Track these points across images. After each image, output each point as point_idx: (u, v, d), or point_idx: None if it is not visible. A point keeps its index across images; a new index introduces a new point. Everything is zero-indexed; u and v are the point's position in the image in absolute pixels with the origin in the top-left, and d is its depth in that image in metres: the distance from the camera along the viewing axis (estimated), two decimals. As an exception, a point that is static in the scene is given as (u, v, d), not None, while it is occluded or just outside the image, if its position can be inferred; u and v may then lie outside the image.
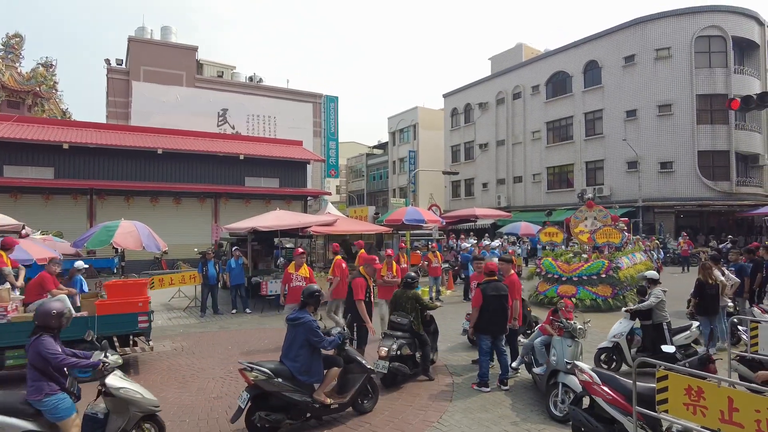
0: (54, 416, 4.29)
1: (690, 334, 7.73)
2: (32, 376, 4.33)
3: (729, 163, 29.18)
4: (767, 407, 3.54)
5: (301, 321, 5.60)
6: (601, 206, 15.66)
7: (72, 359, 4.47)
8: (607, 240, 14.53)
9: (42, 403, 4.28)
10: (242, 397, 5.27)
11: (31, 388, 4.30)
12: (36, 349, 4.31)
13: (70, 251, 13.21)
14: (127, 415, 4.68)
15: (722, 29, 29.60)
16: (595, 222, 15.10)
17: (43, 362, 4.32)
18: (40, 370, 4.34)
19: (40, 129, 23.43)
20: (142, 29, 38.84)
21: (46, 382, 4.34)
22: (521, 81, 39.57)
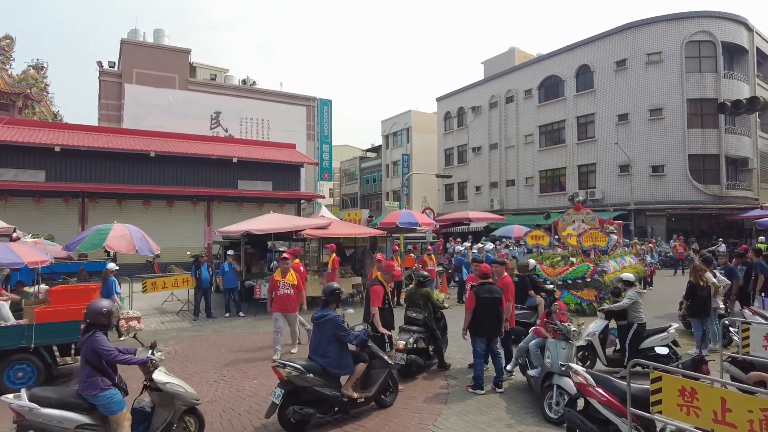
0: (108, 410, 4.50)
1: (667, 335, 7.70)
2: (87, 372, 4.52)
3: (719, 166, 29.51)
4: (760, 408, 3.57)
5: (327, 318, 5.93)
6: (589, 209, 15.53)
7: (124, 356, 4.69)
8: (593, 243, 14.31)
9: (96, 397, 4.48)
10: (276, 393, 5.50)
11: (86, 384, 4.49)
12: (91, 345, 4.50)
13: (61, 254, 13.10)
14: (173, 408, 4.95)
15: (712, 34, 29.95)
16: (583, 225, 14.97)
17: (98, 358, 4.53)
18: (94, 366, 4.54)
19: (31, 131, 23.23)
20: (135, 31, 38.68)
21: (100, 378, 4.54)
22: (514, 85, 39.79)
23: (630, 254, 16.62)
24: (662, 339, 7.68)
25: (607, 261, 13.76)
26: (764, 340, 6.28)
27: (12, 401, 4.28)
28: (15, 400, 4.29)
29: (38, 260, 9.88)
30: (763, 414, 3.54)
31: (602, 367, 7.73)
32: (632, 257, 16.38)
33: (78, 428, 4.39)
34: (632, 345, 7.47)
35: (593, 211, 16.10)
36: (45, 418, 4.29)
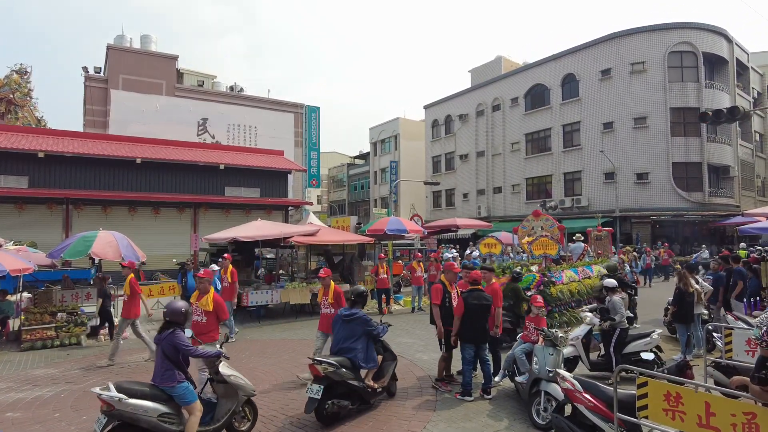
0: (184, 401, 4.95)
1: (650, 340, 7.77)
2: (166, 366, 4.97)
3: (702, 174, 30.04)
4: (742, 411, 3.65)
5: (357, 316, 6.54)
6: (549, 215, 14.52)
7: (199, 351, 5.24)
8: (544, 251, 13.35)
9: (174, 389, 4.93)
10: (313, 389, 5.89)
11: (164, 377, 4.94)
12: (171, 342, 4.97)
13: (45, 262, 12.91)
14: (236, 399, 5.49)
15: (693, 45, 30.58)
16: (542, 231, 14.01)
17: (176, 353, 4.99)
18: (173, 360, 4.99)
19: (14, 137, 22.90)
20: (122, 37, 38.41)
21: (176, 371, 4.99)
22: (501, 93, 40.17)
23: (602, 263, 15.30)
24: (645, 344, 7.74)
25: (562, 271, 12.53)
26: (746, 345, 6.41)
27: (102, 392, 4.61)
28: (105, 392, 4.62)
29: (21, 268, 9.74)
30: (745, 417, 3.62)
31: (586, 371, 7.83)
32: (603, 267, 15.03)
33: (160, 417, 4.79)
34: (616, 350, 7.55)
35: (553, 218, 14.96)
36: (132, 408, 4.67)
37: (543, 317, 7.26)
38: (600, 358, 7.98)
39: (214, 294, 6.81)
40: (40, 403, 6.95)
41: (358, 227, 25.80)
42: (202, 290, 6.88)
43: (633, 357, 7.57)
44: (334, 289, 7.57)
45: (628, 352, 7.66)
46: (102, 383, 7.83)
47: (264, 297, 13.49)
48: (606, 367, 7.65)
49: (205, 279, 6.91)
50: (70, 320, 11.13)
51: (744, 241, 23.15)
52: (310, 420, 6.16)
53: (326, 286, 7.64)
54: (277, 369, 8.61)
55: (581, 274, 13.19)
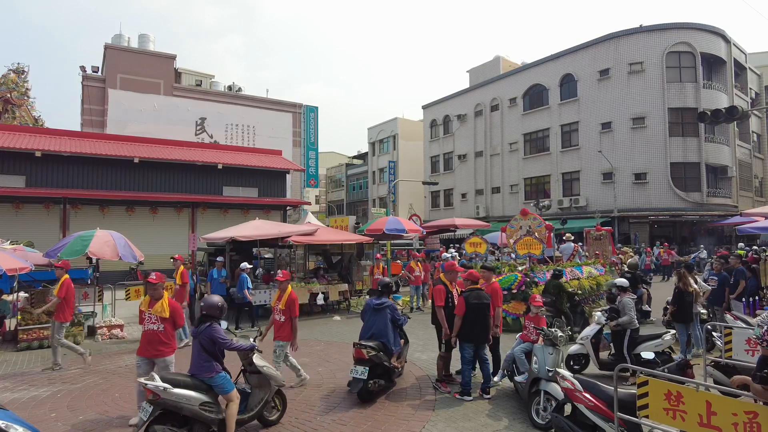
0: (222, 390, 5.27)
1: (661, 342, 7.77)
2: (204, 358, 5.26)
3: (700, 174, 30.09)
4: (744, 411, 3.63)
5: (386, 305, 7.17)
6: (536, 215, 14.28)
7: (234, 344, 5.55)
8: (528, 251, 13.10)
9: (213, 379, 5.25)
10: (358, 370, 6.65)
11: (202, 368, 5.24)
12: (209, 335, 5.26)
13: (42, 261, 12.83)
14: (269, 388, 5.87)
15: (691, 45, 30.62)
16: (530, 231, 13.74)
17: (213, 346, 5.28)
18: (211, 352, 5.29)
19: (11, 136, 22.82)
20: (120, 36, 38.31)
21: (214, 363, 5.29)
22: (499, 93, 40.18)
23: (594, 264, 14.94)
24: (656, 345, 7.75)
25: (547, 271, 12.29)
26: (746, 345, 6.40)
27: (148, 382, 4.89)
28: (151, 381, 4.92)
29: (17, 267, 9.68)
30: (747, 417, 3.59)
31: (596, 370, 7.89)
32: (595, 268, 14.58)
33: (201, 405, 5.08)
34: (630, 350, 7.60)
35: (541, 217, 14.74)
36: (176, 397, 4.96)
37: (543, 317, 7.25)
38: (611, 357, 8.03)
39: (170, 300, 6.22)
40: (36, 403, 6.90)
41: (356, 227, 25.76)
42: (154, 296, 6.14)
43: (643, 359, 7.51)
44: (289, 295, 7.09)
45: (639, 353, 7.59)
46: (100, 383, 7.82)
47: (262, 297, 13.44)
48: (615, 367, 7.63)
49: (157, 284, 6.16)
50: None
51: (742, 241, 23.17)
52: (310, 420, 6.15)
53: (282, 290, 7.17)
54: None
55: (569, 275, 12.79)
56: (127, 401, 6.89)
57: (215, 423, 5.20)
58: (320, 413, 6.38)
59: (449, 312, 7.33)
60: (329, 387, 7.51)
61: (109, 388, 7.59)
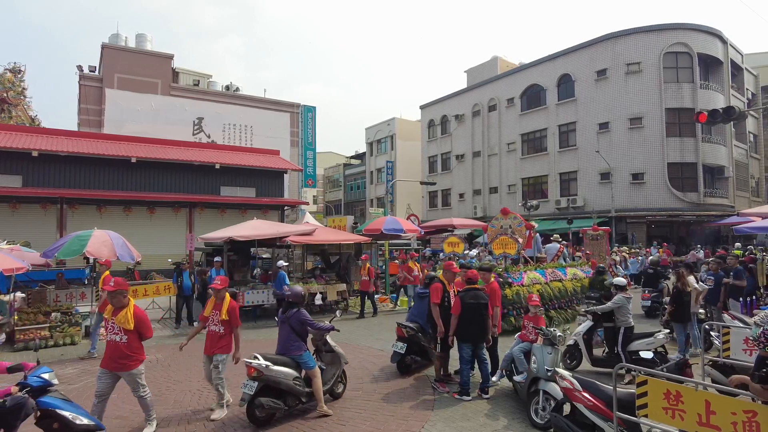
0: (308, 366, 6.16)
1: (653, 341, 7.82)
2: (294, 338, 6.18)
3: (697, 174, 30.16)
4: (743, 410, 3.63)
5: (428, 294, 7.71)
6: (517, 214, 13.94)
7: (320, 324, 6.52)
8: (503, 250, 12.71)
9: (301, 356, 6.14)
10: (398, 345, 7.91)
11: (293, 347, 6.15)
12: (299, 318, 6.19)
13: (39, 261, 12.80)
14: (339, 365, 6.79)
15: (688, 46, 30.70)
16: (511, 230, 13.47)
17: (302, 327, 6.20)
18: (299, 333, 6.21)
19: (8, 136, 22.72)
20: (117, 36, 38.19)
21: (302, 342, 6.20)
22: (496, 93, 40.21)
23: (579, 265, 14.51)
24: (648, 343, 7.80)
25: (524, 272, 12.06)
26: (744, 344, 6.41)
27: (252, 362, 5.75)
28: (254, 361, 5.77)
29: (14, 267, 9.64)
30: (746, 416, 3.60)
31: (588, 366, 8.02)
32: (582, 269, 14.12)
33: (294, 380, 5.98)
34: (623, 347, 7.72)
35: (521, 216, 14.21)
36: (276, 373, 5.83)
37: (541, 316, 7.26)
38: (604, 354, 8.16)
39: (135, 309, 5.67)
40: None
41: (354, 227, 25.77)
42: (116, 304, 5.61)
43: (634, 356, 7.68)
44: (229, 304, 6.38)
45: (631, 350, 7.78)
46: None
47: (260, 297, 13.43)
48: (608, 364, 7.81)
49: (117, 291, 5.58)
50: (64, 320, 11.06)
51: (739, 241, 23.24)
52: (309, 420, 6.14)
53: (220, 299, 6.42)
54: (273, 369, 8.55)
55: (549, 277, 12.38)
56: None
57: (303, 395, 6.10)
58: (319, 413, 6.36)
59: (445, 311, 7.36)
60: (328, 387, 7.49)
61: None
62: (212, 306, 6.47)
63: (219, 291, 6.38)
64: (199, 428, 5.97)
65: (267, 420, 5.93)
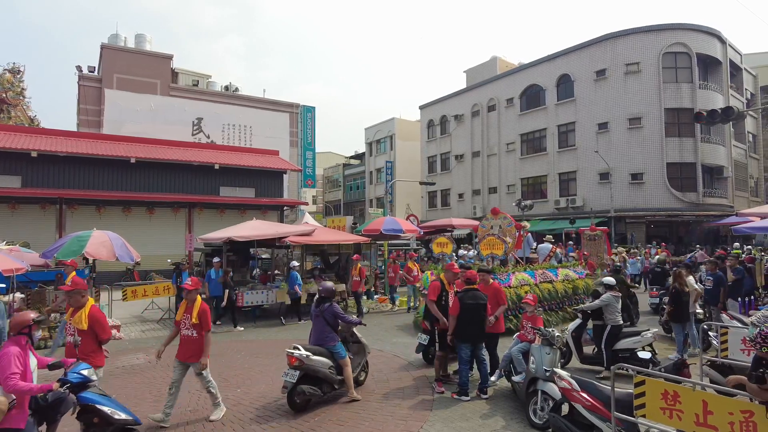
0: (340, 356, 6.74)
1: (640, 339, 7.88)
2: (327, 330, 6.80)
3: (696, 174, 30.18)
4: (740, 410, 3.65)
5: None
6: (506, 213, 13.66)
7: (350, 317, 7.20)
8: (491, 251, 12.45)
9: (335, 347, 6.75)
10: (423, 337, 8.10)
11: (328, 338, 6.76)
12: (332, 311, 6.82)
13: (38, 262, 12.80)
14: (364, 355, 7.39)
15: (687, 46, 30.73)
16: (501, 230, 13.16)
17: (335, 320, 6.83)
18: (332, 325, 6.82)
19: (7, 136, 22.71)
20: (116, 36, 38.18)
21: (335, 334, 6.81)
22: (496, 94, 40.23)
23: (572, 266, 14.14)
24: (635, 342, 7.87)
25: (512, 273, 11.85)
26: (742, 344, 6.43)
27: (295, 352, 6.31)
28: (296, 351, 6.33)
29: (13, 268, 9.64)
30: (743, 416, 3.61)
31: (578, 364, 8.17)
32: (575, 270, 13.70)
33: (329, 368, 6.56)
34: (607, 346, 7.81)
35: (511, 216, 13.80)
36: (314, 363, 6.41)
37: (539, 316, 7.27)
38: (594, 352, 8.28)
39: (91, 309, 5.48)
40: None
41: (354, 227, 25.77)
42: (74, 304, 5.48)
43: (622, 354, 7.76)
44: (200, 307, 6.07)
45: (619, 348, 7.85)
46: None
47: (259, 297, 13.43)
48: (597, 361, 7.99)
49: (75, 291, 5.44)
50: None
51: (738, 241, 23.26)
52: (308, 420, 6.16)
53: (191, 301, 6.14)
54: (272, 369, 8.55)
55: (539, 278, 12.10)
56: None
57: (336, 382, 6.68)
58: (318, 413, 6.38)
59: (443, 310, 7.42)
60: (327, 387, 7.50)
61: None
62: (184, 309, 6.18)
63: (190, 292, 6.15)
64: (198, 428, 5.97)
65: (303, 407, 6.43)
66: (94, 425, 4.58)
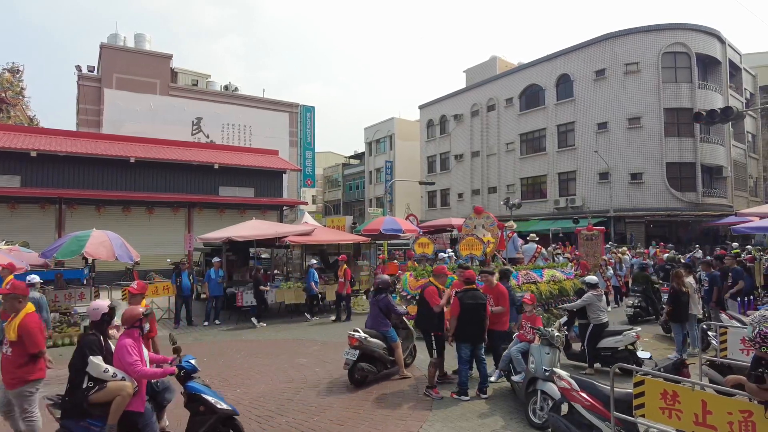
0: (392, 339, 7.77)
1: (621, 338, 8.00)
2: (382, 317, 7.81)
3: (695, 174, 30.19)
4: (739, 409, 3.65)
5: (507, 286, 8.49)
6: (489, 213, 13.28)
7: (400, 308, 8.38)
8: (470, 252, 12.05)
9: (388, 331, 7.79)
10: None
11: (381, 323, 7.79)
12: (385, 302, 7.85)
13: (37, 262, 12.80)
14: (412, 340, 8.61)
15: (687, 46, 30.73)
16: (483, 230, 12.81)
17: (388, 309, 7.84)
18: (386, 313, 7.84)
19: (6, 136, 22.70)
20: (115, 36, 38.17)
21: (387, 320, 7.84)
22: (495, 93, 40.22)
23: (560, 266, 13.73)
24: (616, 341, 8.01)
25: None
26: (741, 344, 6.43)
27: (355, 334, 7.35)
28: (356, 333, 7.37)
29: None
30: (742, 416, 3.61)
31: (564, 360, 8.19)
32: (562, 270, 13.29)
33: (383, 350, 7.61)
34: (590, 344, 8.04)
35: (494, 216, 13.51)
36: (371, 344, 7.48)
37: (539, 316, 7.27)
38: (581, 349, 8.47)
39: (25, 317, 4.87)
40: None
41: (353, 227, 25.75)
42: (9, 309, 4.97)
43: (604, 352, 8.05)
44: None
45: (601, 346, 8.07)
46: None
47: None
48: (581, 358, 8.30)
49: (11, 295, 4.97)
50: (63, 320, 11.04)
51: (737, 241, 23.26)
52: (308, 420, 6.16)
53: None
54: (272, 369, 8.56)
55: (522, 279, 11.66)
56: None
57: (388, 362, 7.67)
58: (317, 413, 6.38)
59: (436, 316, 7.30)
60: (327, 387, 7.51)
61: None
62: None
63: (134, 296, 6.07)
64: (198, 428, 5.96)
65: (361, 381, 7.40)
66: (200, 414, 4.83)
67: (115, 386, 4.49)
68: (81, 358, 4.53)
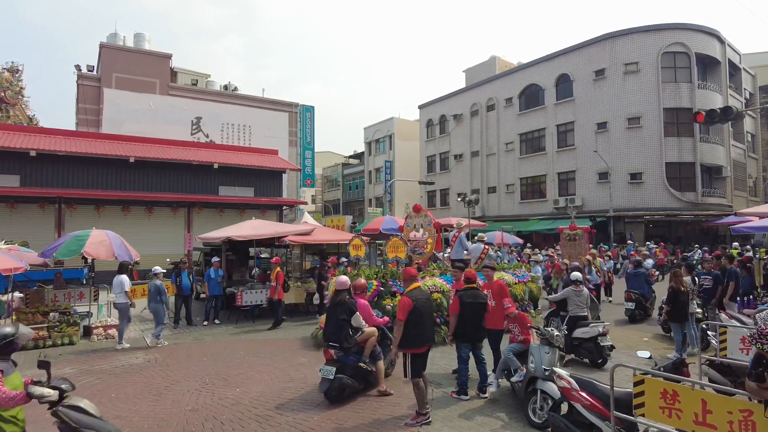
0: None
1: (588, 330, 8.48)
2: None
3: (695, 174, 30.22)
4: (739, 409, 3.65)
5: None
6: (428, 212, 12.84)
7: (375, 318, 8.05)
8: (396, 255, 11.49)
9: None
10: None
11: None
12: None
13: (37, 261, 12.79)
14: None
15: (686, 46, 30.75)
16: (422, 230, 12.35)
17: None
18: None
19: (5, 135, 22.65)
20: (115, 35, 38.11)
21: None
22: (495, 93, 40.23)
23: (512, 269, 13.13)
24: (583, 332, 8.50)
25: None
26: (741, 343, 6.43)
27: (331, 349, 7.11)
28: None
29: (12, 267, 9.62)
30: (742, 415, 3.61)
31: None
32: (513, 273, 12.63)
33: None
34: (567, 334, 8.43)
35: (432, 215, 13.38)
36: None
37: (526, 315, 7.50)
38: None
39: None
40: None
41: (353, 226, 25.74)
42: None
43: (574, 341, 8.59)
44: None
45: (574, 336, 8.61)
46: (96, 383, 7.82)
47: (258, 297, 13.41)
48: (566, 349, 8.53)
49: None
50: (62, 320, 11.03)
51: (737, 241, 23.28)
52: (307, 420, 6.15)
53: None
54: (271, 369, 8.56)
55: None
56: (124, 401, 6.88)
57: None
58: (318, 413, 6.38)
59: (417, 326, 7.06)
60: (326, 387, 7.49)
61: (105, 388, 7.57)
62: None
63: None
64: (197, 428, 5.96)
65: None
66: None
67: (369, 331, 7.09)
68: (348, 314, 6.84)
